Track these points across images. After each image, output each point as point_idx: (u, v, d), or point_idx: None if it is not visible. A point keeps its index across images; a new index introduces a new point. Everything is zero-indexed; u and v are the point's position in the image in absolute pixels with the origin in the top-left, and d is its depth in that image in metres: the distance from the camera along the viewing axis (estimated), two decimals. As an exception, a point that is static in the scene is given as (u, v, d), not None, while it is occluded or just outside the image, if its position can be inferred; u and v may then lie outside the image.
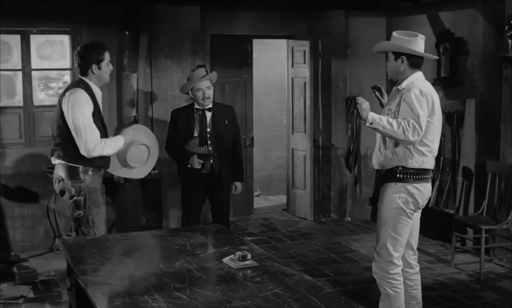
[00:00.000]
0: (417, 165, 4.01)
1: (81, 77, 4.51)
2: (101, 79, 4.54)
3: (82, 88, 4.43)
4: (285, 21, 8.22)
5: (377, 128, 3.95)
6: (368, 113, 3.96)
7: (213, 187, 5.53)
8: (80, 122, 4.33)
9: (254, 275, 3.30)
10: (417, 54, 4.06)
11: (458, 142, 6.80)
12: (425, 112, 3.94)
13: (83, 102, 4.35)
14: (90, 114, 4.38)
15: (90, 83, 4.49)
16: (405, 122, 3.90)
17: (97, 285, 3.19)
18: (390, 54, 4.11)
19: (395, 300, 4.10)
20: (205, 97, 5.38)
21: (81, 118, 4.33)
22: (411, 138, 3.90)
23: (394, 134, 3.92)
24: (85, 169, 4.45)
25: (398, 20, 7.63)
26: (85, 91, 4.41)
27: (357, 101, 4.00)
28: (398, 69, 4.09)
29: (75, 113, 4.33)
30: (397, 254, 4.10)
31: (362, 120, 4.00)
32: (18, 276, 5.92)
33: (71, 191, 4.41)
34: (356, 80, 7.86)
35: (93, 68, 4.47)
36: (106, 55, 4.53)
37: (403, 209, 4.05)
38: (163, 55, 7.00)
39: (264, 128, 9.52)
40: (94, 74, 4.49)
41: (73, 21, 6.77)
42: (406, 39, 4.05)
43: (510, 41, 5.94)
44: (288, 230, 7.65)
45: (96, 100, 4.49)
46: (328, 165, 8.19)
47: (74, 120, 4.33)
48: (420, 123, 3.90)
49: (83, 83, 4.47)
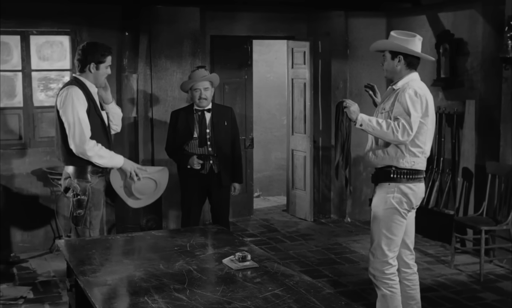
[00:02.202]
0: (408, 166, 4.03)
1: (76, 75, 4.48)
2: (97, 80, 4.49)
3: (76, 85, 4.39)
4: (285, 22, 8.22)
5: (367, 129, 3.99)
6: (357, 115, 4.01)
7: (213, 187, 5.54)
8: (71, 118, 4.29)
9: (254, 276, 3.30)
10: (415, 54, 4.07)
11: (458, 143, 6.80)
12: (418, 113, 3.95)
13: (75, 98, 4.31)
14: (83, 111, 4.33)
15: (86, 81, 4.44)
16: (395, 123, 3.92)
17: (96, 286, 3.18)
18: (387, 53, 4.12)
19: (392, 300, 4.10)
20: (201, 97, 5.39)
21: (72, 115, 4.28)
22: (400, 138, 3.92)
23: (383, 134, 3.95)
24: (93, 170, 4.44)
25: (398, 21, 7.63)
26: (80, 88, 4.37)
27: (344, 105, 4.05)
28: (395, 68, 4.10)
29: (67, 109, 4.30)
30: (392, 254, 4.10)
31: (352, 122, 4.03)
32: (18, 277, 5.92)
33: (76, 190, 4.40)
34: (356, 81, 7.86)
35: (91, 66, 4.43)
36: (108, 59, 4.49)
37: (397, 209, 4.06)
38: (163, 56, 7.00)
39: (264, 129, 9.52)
40: (91, 73, 4.45)
41: (73, 22, 6.77)
42: (404, 39, 4.06)
43: (510, 42, 5.94)
44: (288, 231, 7.65)
45: (92, 96, 4.47)
46: (328, 166, 8.19)
47: (67, 116, 4.31)
48: (411, 123, 3.91)
49: (77, 81, 4.43)
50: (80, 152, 4.32)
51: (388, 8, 7.73)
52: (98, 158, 4.36)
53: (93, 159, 4.34)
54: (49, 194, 6.72)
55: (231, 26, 7.96)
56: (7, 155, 6.59)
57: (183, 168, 5.51)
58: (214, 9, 7.68)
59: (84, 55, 4.45)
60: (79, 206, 4.41)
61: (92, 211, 4.47)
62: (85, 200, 4.40)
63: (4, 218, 6.52)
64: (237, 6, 7.72)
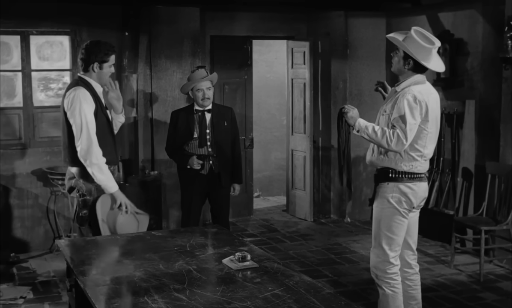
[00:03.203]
0: (407, 169, 4.05)
1: (80, 75, 4.44)
2: (100, 79, 4.46)
3: (82, 86, 4.36)
4: (284, 22, 8.22)
5: (363, 136, 4.02)
6: (355, 121, 4.04)
7: (213, 188, 5.54)
8: (78, 120, 4.27)
9: (253, 276, 3.30)
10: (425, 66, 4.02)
11: (458, 143, 6.80)
12: (416, 119, 3.94)
13: (83, 101, 4.29)
14: (91, 113, 4.31)
15: (91, 80, 4.41)
16: (390, 132, 3.93)
17: (96, 286, 3.18)
18: (401, 51, 4.10)
19: (393, 300, 4.10)
20: (205, 97, 5.39)
21: (80, 117, 4.27)
22: (394, 148, 3.94)
23: (379, 142, 3.99)
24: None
25: (398, 21, 7.63)
26: (86, 89, 4.36)
27: (344, 110, 4.06)
28: (403, 68, 4.09)
29: (75, 111, 4.28)
30: (393, 253, 4.10)
31: (350, 128, 4.05)
32: (18, 277, 5.92)
33: (82, 190, 4.38)
34: (355, 81, 7.86)
35: (94, 66, 4.39)
36: (112, 58, 4.45)
37: (397, 209, 4.07)
38: (163, 56, 7.00)
39: (264, 129, 9.52)
40: (94, 72, 4.43)
41: (73, 22, 6.77)
42: (421, 45, 3.98)
43: (509, 42, 5.94)
44: (287, 231, 7.65)
45: (98, 96, 4.45)
46: (327, 166, 8.19)
47: (74, 119, 4.29)
48: (407, 132, 3.90)
49: (82, 81, 4.40)
50: (84, 157, 4.27)
51: (388, 8, 7.73)
52: (98, 170, 4.28)
53: (93, 168, 4.26)
54: (49, 194, 6.72)
55: (231, 26, 7.96)
56: (7, 155, 6.59)
57: (183, 168, 5.51)
58: (214, 9, 7.68)
59: (88, 54, 4.40)
60: (84, 206, 4.40)
61: None
62: (90, 200, 4.39)
63: (4, 218, 6.52)
64: (237, 6, 7.72)
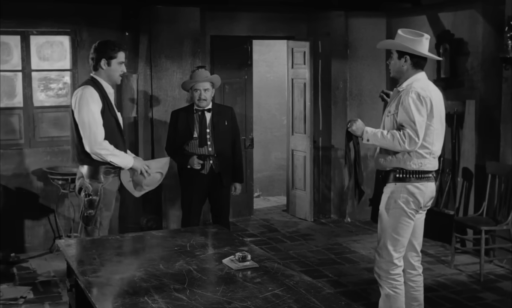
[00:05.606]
0: (416, 167, 4.02)
1: (92, 75, 4.52)
2: (110, 77, 4.51)
3: (91, 85, 4.42)
4: (285, 22, 8.22)
5: (374, 143, 4.01)
6: (362, 131, 4.03)
7: (213, 187, 5.54)
8: (85, 118, 4.33)
9: (254, 276, 3.30)
10: (421, 55, 4.04)
11: (458, 143, 6.80)
12: (423, 116, 3.94)
13: (90, 99, 4.35)
14: (98, 111, 4.36)
15: (100, 80, 4.47)
16: (400, 133, 3.92)
17: (97, 286, 3.19)
18: (394, 53, 4.10)
19: (395, 300, 4.10)
20: (201, 98, 5.41)
21: (86, 115, 4.32)
22: (408, 148, 3.93)
23: (391, 146, 3.98)
24: (106, 170, 4.45)
25: (398, 21, 7.63)
26: (95, 88, 4.40)
27: (348, 126, 4.07)
28: (401, 68, 4.09)
29: (82, 109, 4.34)
30: (397, 254, 4.09)
31: (359, 138, 4.04)
32: (18, 277, 5.92)
33: (88, 190, 4.40)
34: (356, 81, 7.86)
35: (102, 63, 4.45)
36: (120, 55, 4.50)
37: (404, 210, 4.05)
38: (163, 56, 7.00)
39: (264, 129, 9.52)
40: (103, 70, 4.47)
41: (73, 22, 6.77)
42: (411, 39, 4.02)
43: (510, 42, 5.94)
44: (288, 231, 7.65)
45: (108, 97, 4.48)
46: (328, 166, 8.19)
47: (81, 116, 4.34)
48: (417, 130, 3.90)
49: (93, 80, 4.47)
50: (94, 152, 4.35)
51: (388, 8, 7.73)
52: (112, 156, 4.40)
53: (107, 157, 4.38)
54: (49, 194, 6.71)
55: (231, 26, 7.96)
56: (7, 155, 6.59)
57: (183, 168, 5.51)
58: (214, 9, 7.67)
59: (96, 52, 4.50)
60: (90, 206, 4.41)
61: (103, 212, 4.48)
62: (96, 200, 4.41)
63: (4, 218, 6.51)
64: (237, 6, 7.72)
